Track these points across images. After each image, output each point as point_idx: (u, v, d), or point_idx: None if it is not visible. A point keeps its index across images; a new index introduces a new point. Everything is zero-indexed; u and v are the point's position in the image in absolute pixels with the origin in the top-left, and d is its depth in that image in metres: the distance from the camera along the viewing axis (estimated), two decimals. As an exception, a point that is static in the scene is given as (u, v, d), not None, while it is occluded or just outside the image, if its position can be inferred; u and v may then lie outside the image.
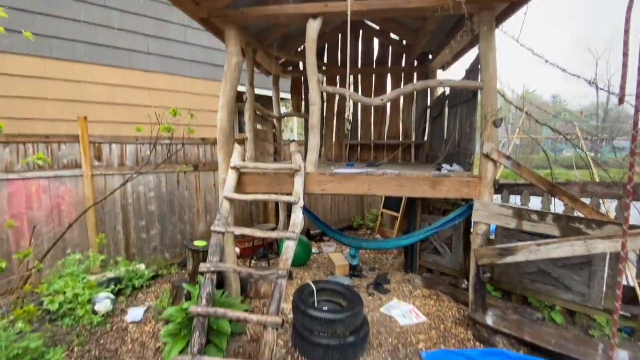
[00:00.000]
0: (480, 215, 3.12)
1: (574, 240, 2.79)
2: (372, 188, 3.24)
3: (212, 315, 2.59)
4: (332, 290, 3.32)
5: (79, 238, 4.22)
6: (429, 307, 3.76)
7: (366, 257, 5.58)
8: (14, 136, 3.78)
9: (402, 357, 2.87)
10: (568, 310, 3.44)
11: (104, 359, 2.81)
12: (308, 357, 2.78)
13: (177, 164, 4.90)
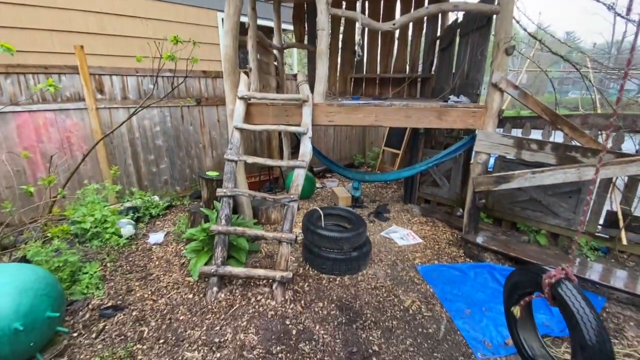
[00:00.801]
0: (482, 145, 3.25)
1: (567, 168, 2.96)
2: (379, 119, 3.30)
3: (232, 233, 2.85)
4: (338, 215, 3.59)
5: (92, 170, 4.36)
6: (425, 231, 4.10)
7: (367, 191, 5.86)
8: (13, 66, 3.67)
9: (399, 270, 3.24)
10: (552, 233, 3.78)
11: (135, 272, 3.16)
12: (317, 269, 3.14)
13: (179, 98, 4.85)
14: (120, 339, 2.31)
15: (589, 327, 1.29)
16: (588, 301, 1.37)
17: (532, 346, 1.74)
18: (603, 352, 1.25)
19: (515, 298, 1.72)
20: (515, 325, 1.78)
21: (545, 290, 1.48)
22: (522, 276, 1.70)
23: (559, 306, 1.42)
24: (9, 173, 3.65)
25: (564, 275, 1.44)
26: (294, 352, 2.21)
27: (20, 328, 1.89)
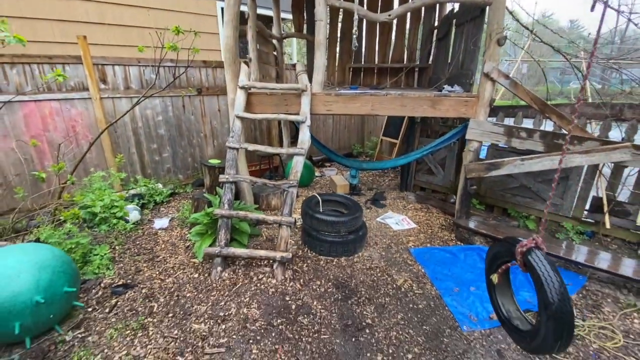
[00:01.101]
0: (473, 133, 3.38)
1: (554, 155, 3.10)
2: (376, 108, 3.41)
3: (234, 216, 3.01)
4: (335, 201, 3.75)
5: (97, 159, 4.49)
6: (419, 217, 4.26)
7: (365, 179, 6.00)
8: (18, 56, 3.76)
9: (393, 252, 3.41)
10: (540, 218, 3.94)
11: (142, 254, 3.33)
12: (315, 251, 3.31)
13: (181, 88, 4.95)
14: (132, 313, 2.48)
15: (551, 287, 1.46)
16: (553, 266, 1.53)
17: (509, 310, 1.91)
18: (563, 309, 1.42)
19: (495, 267, 1.89)
20: (494, 291, 1.95)
21: (518, 258, 1.64)
22: (500, 247, 1.86)
23: (529, 271, 1.58)
24: (18, 161, 3.79)
25: (534, 245, 1.60)
26: (293, 324, 2.39)
27: (41, 301, 2.06)
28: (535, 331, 1.61)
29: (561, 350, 1.57)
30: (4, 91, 3.62)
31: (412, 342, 2.30)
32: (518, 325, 1.84)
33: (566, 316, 1.44)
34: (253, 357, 2.11)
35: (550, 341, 1.53)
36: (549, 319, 1.49)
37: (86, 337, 2.26)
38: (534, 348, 1.65)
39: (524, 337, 1.74)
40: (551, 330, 1.50)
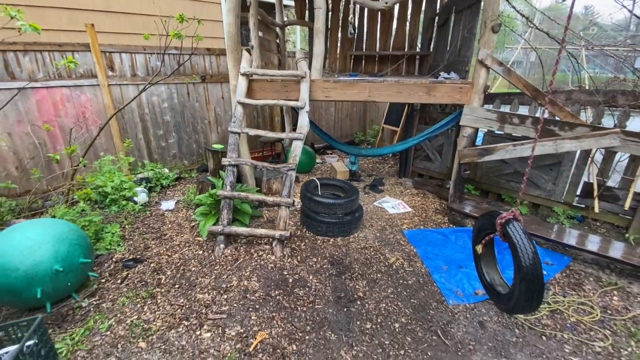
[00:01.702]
0: (467, 119, 3.47)
1: (545, 141, 3.19)
2: (373, 94, 3.52)
3: (236, 197, 3.18)
4: (333, 185, 3.90)
5: (107, 144, 4.68)
6: (415, 202, 4.40)
7: (365, 166, 6.13)
8: (30, 44, 3.92)
9: (388, 233, 3.57)
10: (534, 204, 4.06)
11: (150, 233, 3.53)
12: (313, 231, 3.48)
13: (185, 75, 5.08)
14: (142, 284, 2.69)
15: (525, 254, 1.61)
16: (528, 236, 1.68)
17: (493, 278, 2.07)
18: (534, 272, 1.58)
19: (480, 239, 2.04)
20: (479, 261, 2.10)
21: (497, 229, 1.79)
22: (484, 220, 2.00)
23: (507, 241, 1.73)
24: (32, 145, 3.99)
25: (512, 217, 1.75)
26: (289, 295, 2.58)
27: (60, 269, 2.27)
28: (511, 293, 1.77)
29: (534, 309, 1.73)
30: (17, 78, 3.79)
31: (400, 313, 2.48)
32: (500, 290, 2.00)
33: (536, 278, 1.59)
34: (252, 323, 2.30)
35: (522, 301, 1.69)
36: (521, 280, 1.65)
37: (100, 303, 2.47)
38: (510, 308, 1.82)
39: (502, 300, 1.91)
40: (523, 291, 1.66)
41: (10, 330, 1.92)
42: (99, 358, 2.01)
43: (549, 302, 2.60)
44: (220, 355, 2.04)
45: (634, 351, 2.16)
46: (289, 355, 2.06)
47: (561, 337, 2.28)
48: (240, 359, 2.02)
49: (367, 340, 2.21)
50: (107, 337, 2.17)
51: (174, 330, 2.23)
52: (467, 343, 2.24)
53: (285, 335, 2.22)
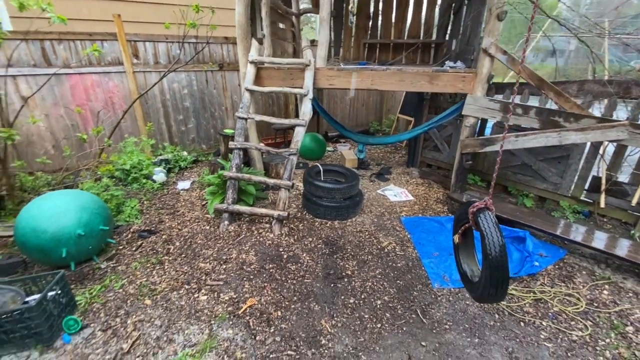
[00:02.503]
0: (470, 109, 3.46)
1: (549, 132, 3.14)
2: (375, 82, 3.58)
3: (240, 178, 3.41)
4: (336, 171, 4.03)
5: (132, 127, 5.06)
6: (419, 191, 4.45)
7: (376, 155, 6.19)
8: (64, 33, 4.30)
9: (385, 219, 3.68)
10: (540, 197, 3.99)
11: (165, 209, 3.86)
12: (312, 214, 3.66)
13: (203, 63, 5.34)
14: (153, 252, 3.00)
15: (491, 242, 1.67)
16: (496, 225, 1.74)
17: (472, 269, 2.15)
18: (499, 260, 1.64)
19: (457, 229, 2.12)
20: (457, 250, 2.18)
21: (470, 217, 1.86)
22: (461, 210, 2.07)
23: (478, 229, 1.80)
24: (66, 126, 4.42)
25: (484, 206, 1.81)
26: (282, 269, 2.79)
27: (82, 233, 2.59)
28: (479, 281, 1.85)
29: (499, 298, 1.80)
30: (53, 64, 4.19)
31: (384, 292, 2.62)
32: (472, 279, 2.08)
33: (501, 266, 1.66)
34: (244, 290, 2.54)
35: (488, 288, 1.76)
36: (487, 268, 1.73)
37: (116, 266, 2.81)
38: (478, 296, 1.90)
39: (473, 288, 1.99)
40: (489, 278, 1.74)
41: (37, 281, 2.27)
42: (111, 310, 2.33)
43: (534, 292, 2.63)
44: (213, 314, 2.29)
45: (612, 342, 2.18)
46: (273, 320, 2.28)
47: (539, 324, 2.33)
48: (230, 319, 2.26)
49: (348, 313, 2.38)
50: (119, 293, 2.48)
51: (175, 292, 2.51)
52: (444, 323, 2.35)
53: (273, 303, 2.43)
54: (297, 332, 2.19)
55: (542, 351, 2.12)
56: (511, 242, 3.15)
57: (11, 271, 2.64)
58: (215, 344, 2.07)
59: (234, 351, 2.03)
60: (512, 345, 2.16)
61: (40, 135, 4.27)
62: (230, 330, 2.18)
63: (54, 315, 2.08)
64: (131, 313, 2.30)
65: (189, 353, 2.00)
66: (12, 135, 2.97)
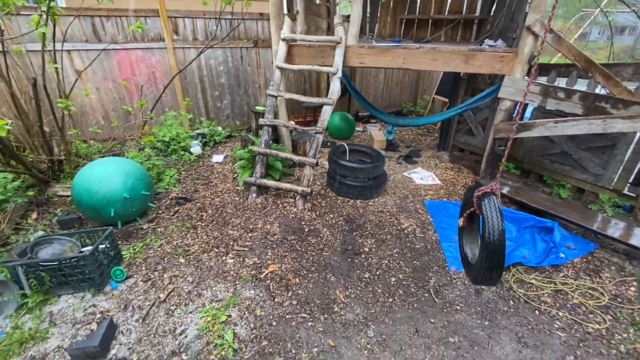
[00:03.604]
0: (506, 91, 3.29)
1: (593, 119, 2.93)
2: (407, 61, 3.49)
3: (268, 154, 3.56)
4: (362, 151, 4.07)
5: (172, 101, 5.37)
6: (447, 175, 4.37)
7: (406, 137, 6.08)
8: (112, 10, 4.58)
9: (408, 202, 3.69)
10: (578, 188, 3.77)
11: (201, 179, 4.15)
12: (335, 192, 3.76)
13: (239, 40, 5.45)
14: (188, 218, 3.29)
15: (491, 226, 1.68)
16: (499, 211, 1.73)
17: (473, 252, 2.16)
18: (496, 244, 1.66)
19: (464, 212, 2.12)
20: (461, 233, 2.20)
21: (474, 202, 1.86)
22: (468, 194, 2.06)
23: (480, 213, 1.80)
24: (113, 99, 4.80)
25: (489, 190, 1.80)
26: (303, 241, 2.95)
27: (127, 196, 2.91)
28: (476, 263, 1.88)
29: (494, 281, 1.82)
30: (102, 40, 4.51)
31: (399, 271, 2.70)
32: (473, 262, 2.09)
33: (498, 251, 1.68)
34: (267, 257, 2.74)
35: (483, 270, 1.79)
36: (484, 250, 1.75)
37: (156, 228, 3.12)
38: (474, 277, 1.93)
39: (470, 269, 2.01)
40: (485, 260, 1.76)
41: (91, 235, 2.61)
42: (151, 264, 2.63)
43: (555, 283, 2.58)
44: (238, 276, 2.52)
45: (629, 337, 2.12)
46: (291, 286, 2.46)
47: (555, 314, 2.31)
48: (252, 282, 2.48)
49: (362, 286, 2.51)
50: (158, 251, 2.79)
51: (206, 254, 2.77)
52: (455, 304, 2.40)
53: (292, 271, 2.61)
54: (312, 299, 2.36)
55: (553, 339, 2.13)
56: (538, 232, 3.06)
57: (69, 226, 3.04)
58: (238, 301, 2.30)
59: (254, 309, 2.24)
60: (523, 331, 2.18)
61: (92, 106, 4.69)
62: (252, 291, 2.40)
63: (104, 264, 2.41)
64: (167, 269, 2.60)
65: (215, 307, 2.24)
66: (69, 105, 3.31)
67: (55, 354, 1.92)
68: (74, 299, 2.30)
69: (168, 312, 2.21)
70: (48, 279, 2.21)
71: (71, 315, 2.17)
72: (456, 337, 2.13)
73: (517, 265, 2.76)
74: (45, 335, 2.02)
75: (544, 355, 2.02)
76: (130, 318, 2.17)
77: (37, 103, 3.33)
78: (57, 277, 2.26)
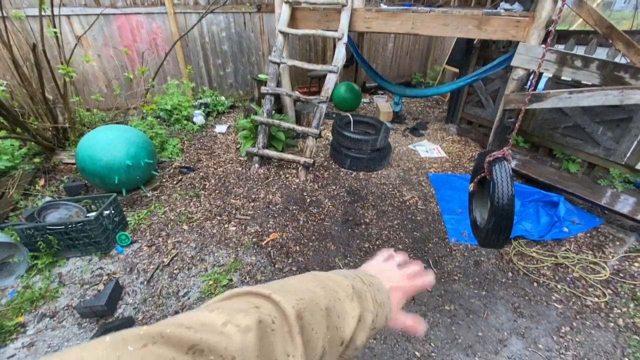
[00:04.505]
0: (520, 59, 3.12)
1: (609, 89, 2.78)
2: (416, 27, 3.31)
3: (270, 124, 3.51)
4: (366, 122, 3.97)
5: (174, 69, 5.26)
6: (453, 148, 4.28)
7: (414, 109, 5.92)
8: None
9: (412, 174, 3.65)
10: (589, 163, 3.66)
11: (204, 149, 4.14)
12: (338, 164, 3.73)
13: (241, 4, 5.22)
14: (191, 187, 3.32)
15: (501, 191, 1.66)
16: (509, 176, 1.70)
17: (483, 216, 2.14)
18: (504, 209, 1.64)
19: (474, 177, 2.08)
20: (471, 198, 2.17)
21: (485, 166, 1.81)
22: (479, 159, 2.01)
23: (490, 177, 1.77)
24: (115, 66, 4.72)
25: (501, 155, 1.75)
26: (304, 211, 2.97)
27: (130, 164, 2.92)
28: (485, 226, 1.87)
29: (501, 245, 1.82)
30: (101, 4, 4.35)
31: (399, 241, 2.71)
32: (481, 225, 2.09)
33: (507, 215, 1.66)
34: (269, 226, 2.77)
35: (491, 233, 1.79)
36: (492, 214, 1.74)
37: (160, 196, 3.16)
38: (482, 239, 1.93)
39: (478, 232, 2.01)
40: (492, 224, 1.75)
41: (96, 202, 2.65)
42: (155, 230, 2.69)
43: (556, 256, 2.58)
44: (239, 243, 2.57)
45: (628, 312, 2.13)
46: (292, 253, 2.50)
47: (554, 287, 2.32)
48: (254, 248, 2.52)
49: (361, 255, 2.54)
50: (162, 218, 2.84)
51: (209, 222, 2.81)
52: (454, 274, 2.42)
53: (293, 239, 2.65)
54: (312, 265, 2.40)
55: (549, 310, 2.15)
56: (542, 206, 3.02)
57: (75, 192, 3.09)
58: (239, 266, 2.35)
59: (255, 274, 2.30)
60: (520, 302, 2.21)
61: (94, 74, 4.62)
62: (254, 257, 2.45)
63: (109, 229, 2.47)
64: (171, 235, 2.65)
65: (217, 271, 2.30)
66: (70, 72, 3.26)
67: (64, 311, 2.01)
68: (81, 261, 2.38)
69: (172, 276, 2.28)
70: (56, 242, 2.27)
71: (79, 276, 2.26)
72: (452, 305, 2.16)
73: (518, 238, 2.75)
74: (55, 294, 2.11)
75: (539, 325, 2.05)
76: (136, 280, 2.24)
77: (38, 69, 3.29)
78: (64, 241, 2.33)
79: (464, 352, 1.88)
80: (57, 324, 1.94)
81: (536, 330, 2.02)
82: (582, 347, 1.92)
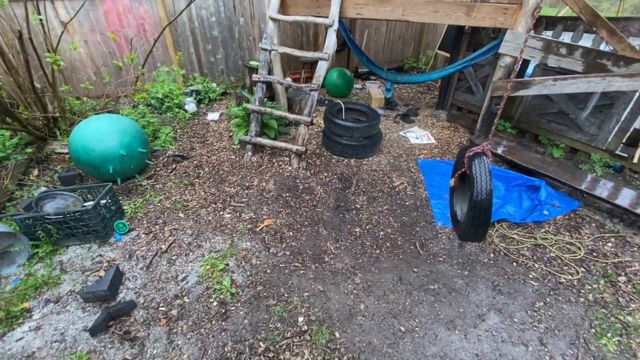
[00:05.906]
0: (507, 47, 3.17)
1: (592, 77, 2.86)
2: (406, 13, 3.33)
3: (262, 112, 3.54)
4: (358, 110, 4.03)
5: (163, 56, 5.18)
6: (443, 134, 4.37)
7: (405, 95, 5.96)
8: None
9: (402, 161, 3.75)
10: (572, 148, 3.80)
11: (197, 137, 4.16)
12: (330, 151, 3.80)
13: (231, -13, 5.11)
14: (185, 175, 3.37)
15: (480, 186, 1.75)
16: (488, 171, 1.79)
17: (463, 210, 2.25)
18: (483, 203, 1.73)
19: (455, 172, 2.18)
20: (453, 192, 2.28)
21: (465, 162, 1.90)
22: (460, 154, 2.11)
23: (470, 173, 1.86)
24: (103, 53, 4.64)
25: (480, 150, 1.84)
26: (297, 198, 3.06)
27: (124, 154, 2.95)
28: (464, 221, 1.97)
29: (479, 238, 1.93)
30: (86, -12, 4.23)
31: (388, 225, 2.83)
32: (461, 219, 2.20)
33: (485, 210, 1.76)
34: (263, 213, 2.87)
35: (469, 227, 1.89)
36: (470, 209, 1.83)
37: (155, 184, 3.22)
38: (461, 233, 2.04)
39: (458, 227, 2.12)
40: (471, 218, 1.85)
41: (92, 191, 2.70)
42: (152, 218, 2.77)
43: (535, 238, 2.73)
44: (234, 229, 2.67)
45: (598, 288, 2.30)
46: (285, 238, 2.61)
47: (531, 266, 2.48)
48: (248, 234, 2.62)
49: (352, 239, 2.65)
50: (158, 206, 2.91)
51: (204, 209, 2.89)
52: (439, 256, 2.56)
53: (287, 225, 2.75)
54: (305, 250, 2.51)
55: (526, 288, 2.31)
56: (525, 191, 3.15)
57: (70, 182, 3.12)
58: (235, 251, 2.46)
59: (250, 258, 2.41)
60: (499, 280, 2.36)
61: (82, 61, 4.55)
62: (249, 243, 2.55)
63: (107, 218, 2.54)
64: (168, 222, 2.73)
65: (213, 257, 2.40)
66: (57, 60, 3.22)
67: (68, 297, 2.10)
68: (81, 249, 2.46)
69: (170, 261, 2.38)
70: (55, 231, 2.34)
71: (80, 263, 2.34)
72: (436, 284, 2.31)
73: (501, 221, 2.89)
74: (57, 281, 2.19)
75: (516, 301, 2.21)
76: (135, 266, 2.33)
77: (24, 57, 3.24)
78: (63, 230, 2.39)
79: (446, 327, 2.03)
80: (62, 309, 2.03)
81: (512, 305, 2.17)
82: (553, 320, 2.08)
